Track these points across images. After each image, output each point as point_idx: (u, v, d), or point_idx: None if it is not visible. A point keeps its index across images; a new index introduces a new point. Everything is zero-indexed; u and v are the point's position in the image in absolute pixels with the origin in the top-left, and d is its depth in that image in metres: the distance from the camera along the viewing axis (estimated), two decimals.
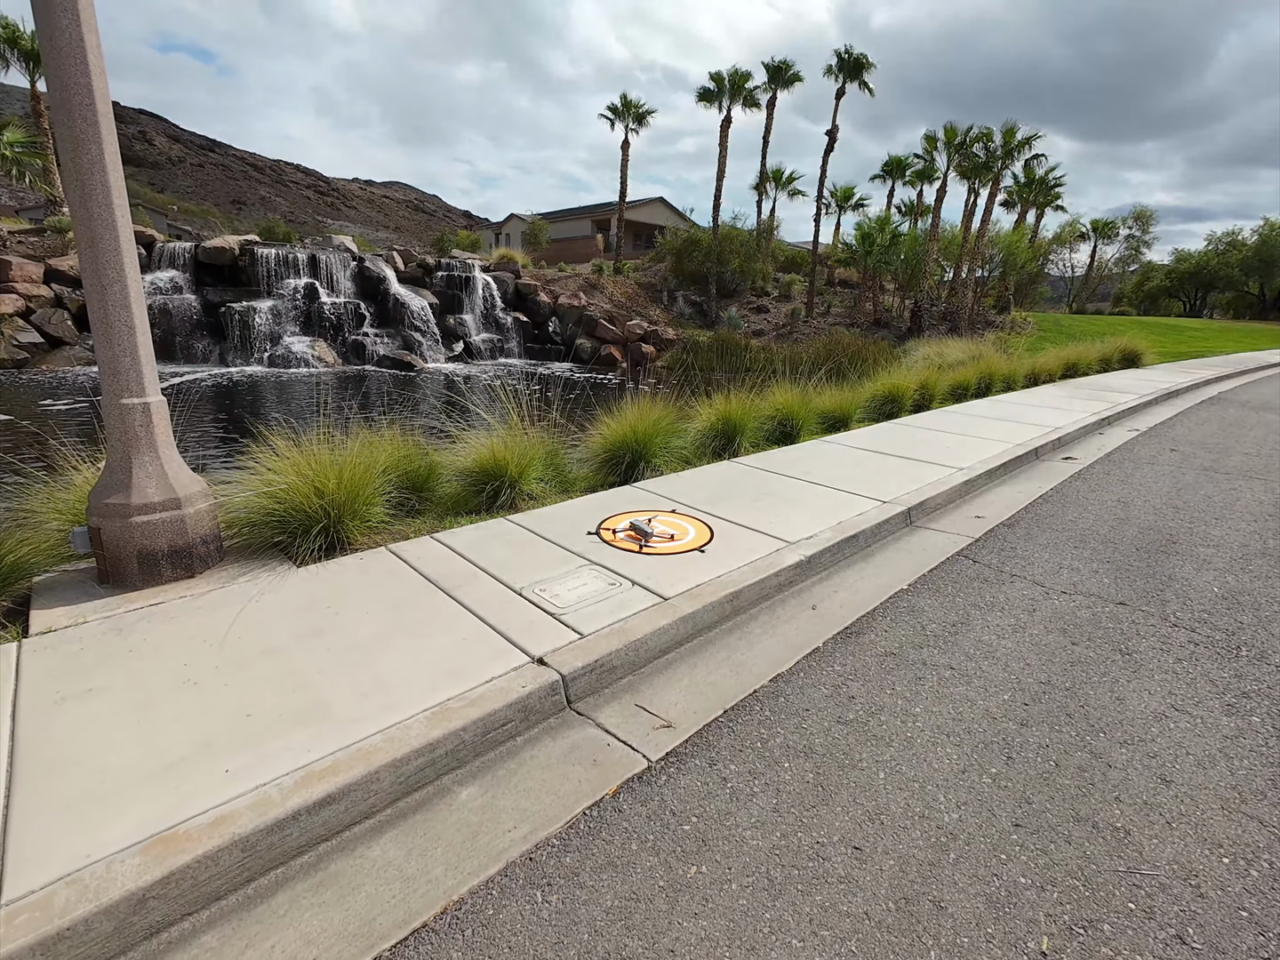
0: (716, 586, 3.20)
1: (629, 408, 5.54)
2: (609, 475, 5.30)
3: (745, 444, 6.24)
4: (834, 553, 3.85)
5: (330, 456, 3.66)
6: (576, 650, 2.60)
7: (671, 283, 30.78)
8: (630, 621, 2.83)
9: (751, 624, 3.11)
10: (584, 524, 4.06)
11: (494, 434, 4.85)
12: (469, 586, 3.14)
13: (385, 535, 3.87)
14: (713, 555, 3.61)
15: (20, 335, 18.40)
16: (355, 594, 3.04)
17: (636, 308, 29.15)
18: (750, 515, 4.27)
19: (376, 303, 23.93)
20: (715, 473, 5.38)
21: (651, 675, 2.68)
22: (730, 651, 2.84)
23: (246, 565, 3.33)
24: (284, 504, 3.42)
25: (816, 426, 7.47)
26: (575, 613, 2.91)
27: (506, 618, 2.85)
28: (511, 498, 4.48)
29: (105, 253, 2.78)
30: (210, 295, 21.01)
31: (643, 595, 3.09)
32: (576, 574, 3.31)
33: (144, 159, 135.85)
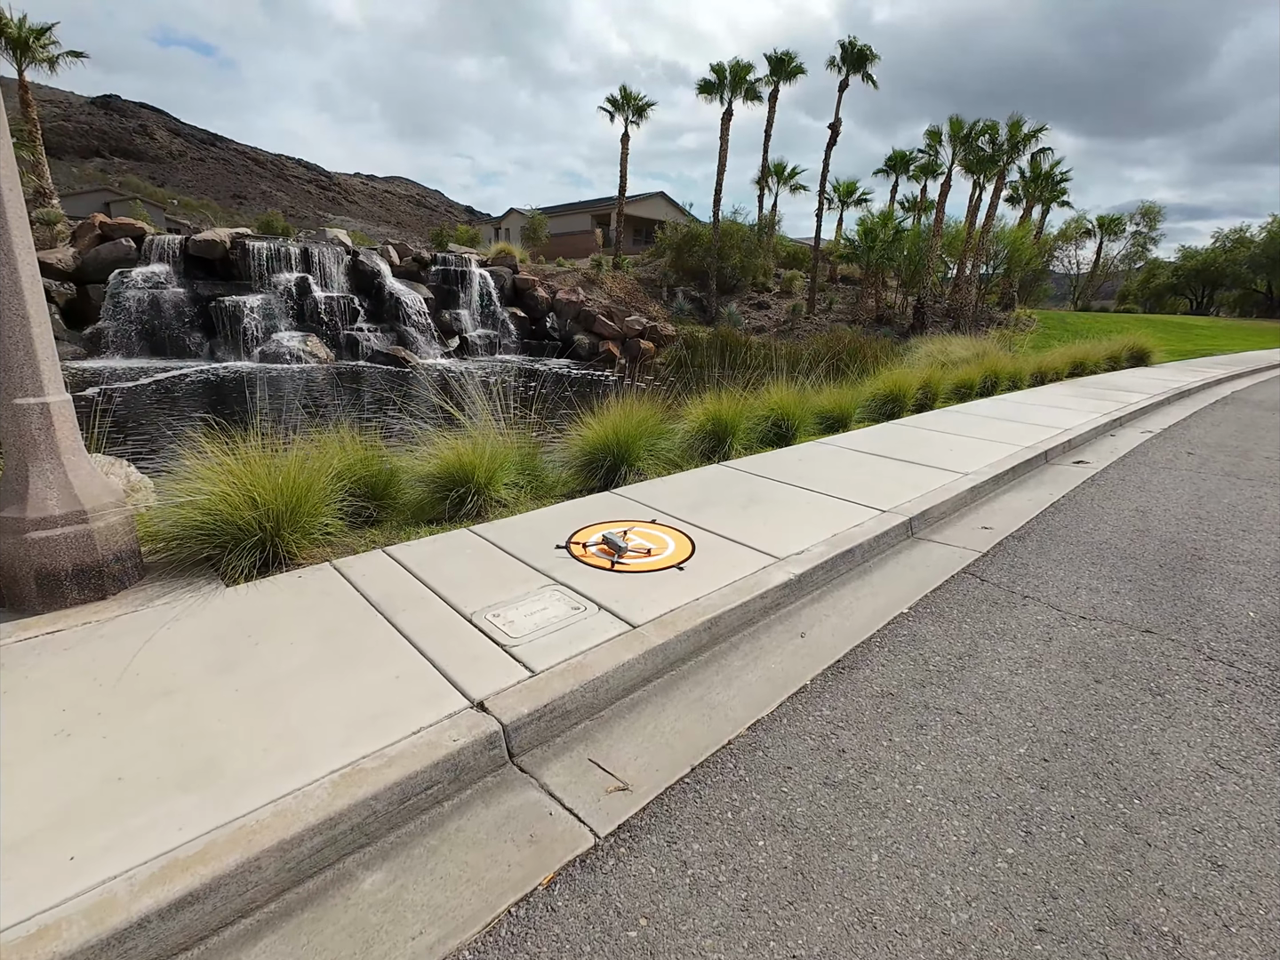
0: (693, 611, 2.85)
1: (612, 407, 5.18)
2: (589, 479, 4.95)
3: (737, 446, 5.88)
4: (827, 570, 3.49)
5: (268, 462, 3.31)
6: (524, 692, 2.25)
7: (671, 278, 30.37)
8: (591, 655, 2.48)
9: (731, 654, 2.75)
10: (554, 536, 3.71)
11: (465, 435, 4.50)
12: (414, 611, 2.79)
13: (334, 548, 3.52)
14: (692, 573, 3.26)
15: None
16: (284, 619, 2.69)
17: (635, 304, 28.76)
18: (736, 526, 3.92)
19: (371, 298, 23.58)
20: (702, 477, 5.02)
21: (611, 720, 2.32)
22: (705, 690, 2.49)
23: (170, 584, 2.98)
24: (213, 515, 3.07)
25: (814, 427, 7.11)
26: (529, 644, 2.55)
27: (450, 650, 2.50)
28: (479, 505, 4.13)
29: None
30: (201, 289, 20.65)
31: (609, 622, 2.74)
32: (538, 596, 2.96)
33: (144, 153, 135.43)
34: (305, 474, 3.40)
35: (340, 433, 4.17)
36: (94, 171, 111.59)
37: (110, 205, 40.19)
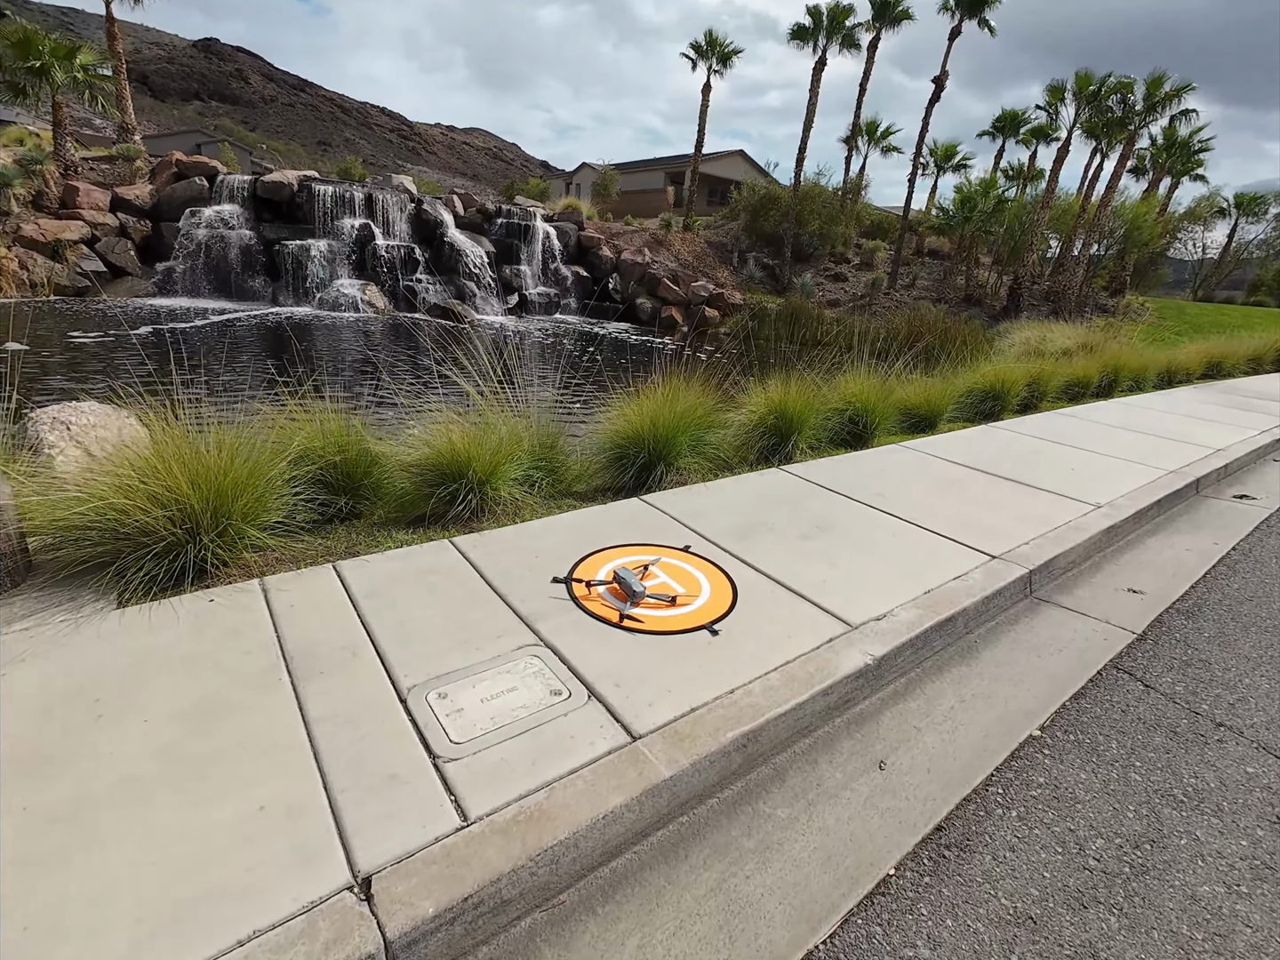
0: (724, 715, 1.96)
1: (654, 390, 4.25)
2: (618, 476, 4.07)
3: (803, 445, 4.86)
4: (917, 647, 2.53)
5: (188, 447, 2.58)
6: (442, 864, 1.43)
7: (743, 243, 28.62)
8: (560, 794, 1.64)
9: (773, 793, 1.86)
10: (555, 560, 2.87)
11: (475, 414, 3.69)
12: (335, 677, 2.01)
13: (280, 555, 2.80)
14: (729, 640, 2.37)
15: (84, 263, 18.46)
16: (158, 673, 1.97)
17: (703, 268, 27.30)
18: (796, 566, 2.98)
19: (432, 248, 23.09)
20: (757, 487, 4.06)
21: (576, 925, 1.49)
22: (728, 866, 1.62)
23: (49, 597, 2.31)
24: (111, 511, 2.37)
25: (896, 425, 5.98)
26: (475, 757, 1.74)
27: (361, 758, 1.71)
28: (475, 505, 3.33)
29: None
30: (267, 232, 20.60)
31: (598, 724, 1.89)
32: (509, 664, 2.13)
33: (239, 97, 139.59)
34: (245, 462, 2.66)
35: (320, 405, 3.43)
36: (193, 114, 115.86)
37: (201, 147, 41.13)
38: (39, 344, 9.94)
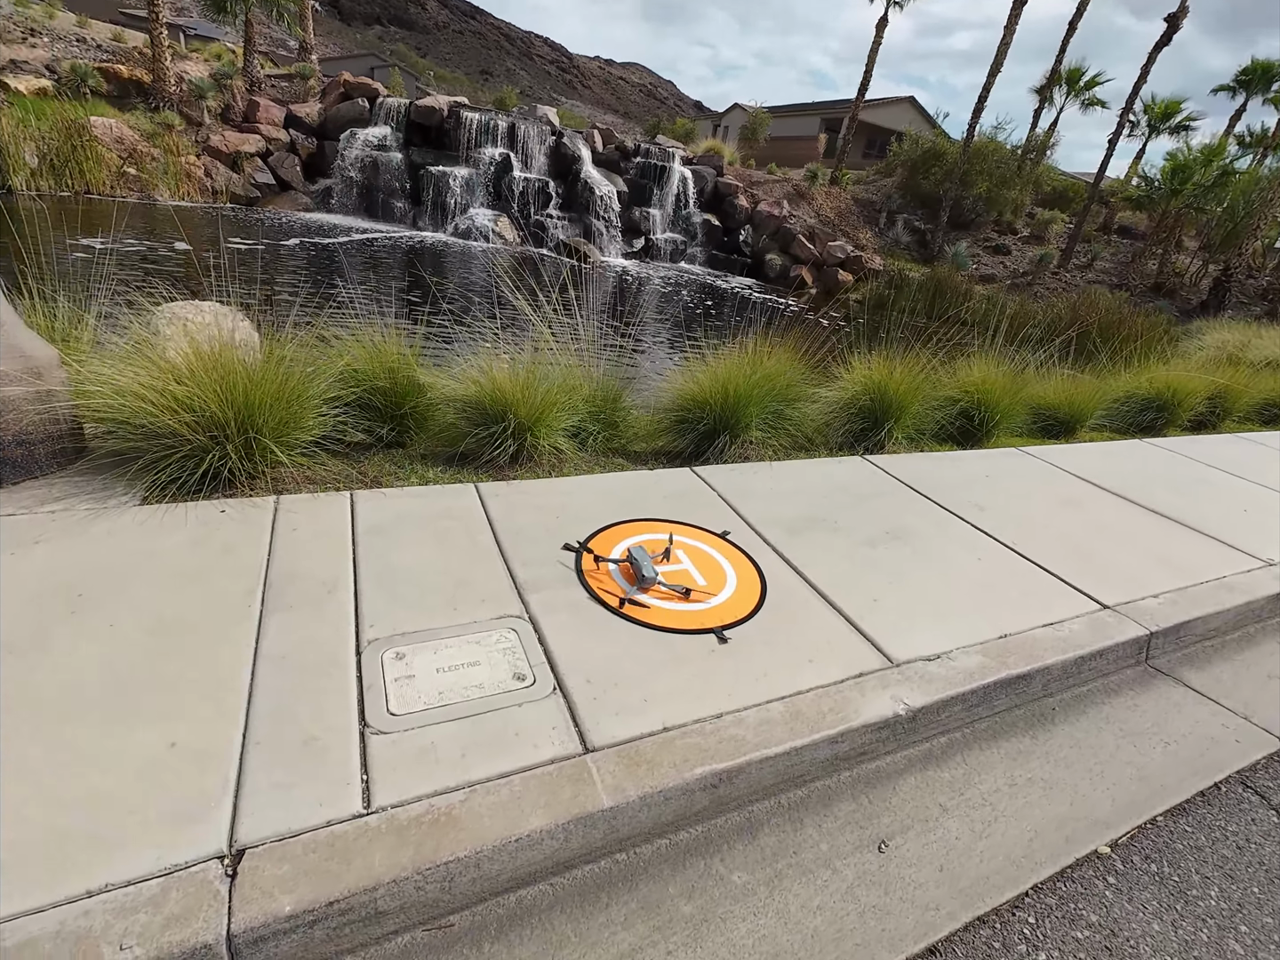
0: (699, 745, 1.67)
1: (734, 350, 3.83)
2: (675, 440, 3.75)
3: (899, 434, 4.25)
4: (972, 703, 2.07)
5: (222, 357, 2.55)
6: (320, 860, 1.28)
7: (895, 202, 26.08)
8: (478, 800, 1.44)
9: (733, 852, 1.56)
10: (577, 522, 2.64)
11: (532, 356, 3.49)
12: (303, 612, 1.92)
13: (309, 475, 2.77)
14: (738, 651, 2.04)
15: (257, 175, 20.08)
16: (145, 578, 1.96)
17: (845, 227, 25.28)
18: (849, 574, 2.55)
19: (567, 183, 22.95)
20: (830, 475, 3.58)
21: (456, 955, 1.30)
22: (643, 940, 1.35)
23: (83, 486, 2.40)
24: (141, 413, 2.40)
25: (1023, 425, 5.13)
26: (408, 734, 1.57)
27: (291, 711, 1.59)
28: (514, 451, 3.16)
29: None
30: (415, 156, 21.31)
31: (552, 725, 1.66)
32: (483, 633, 1.95)
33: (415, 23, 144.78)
34: (277, 376, 2.62)
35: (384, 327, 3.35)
36: (373, 38, 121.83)
37: (375, 71, 43.15)
38: (201, 246, 10.94)
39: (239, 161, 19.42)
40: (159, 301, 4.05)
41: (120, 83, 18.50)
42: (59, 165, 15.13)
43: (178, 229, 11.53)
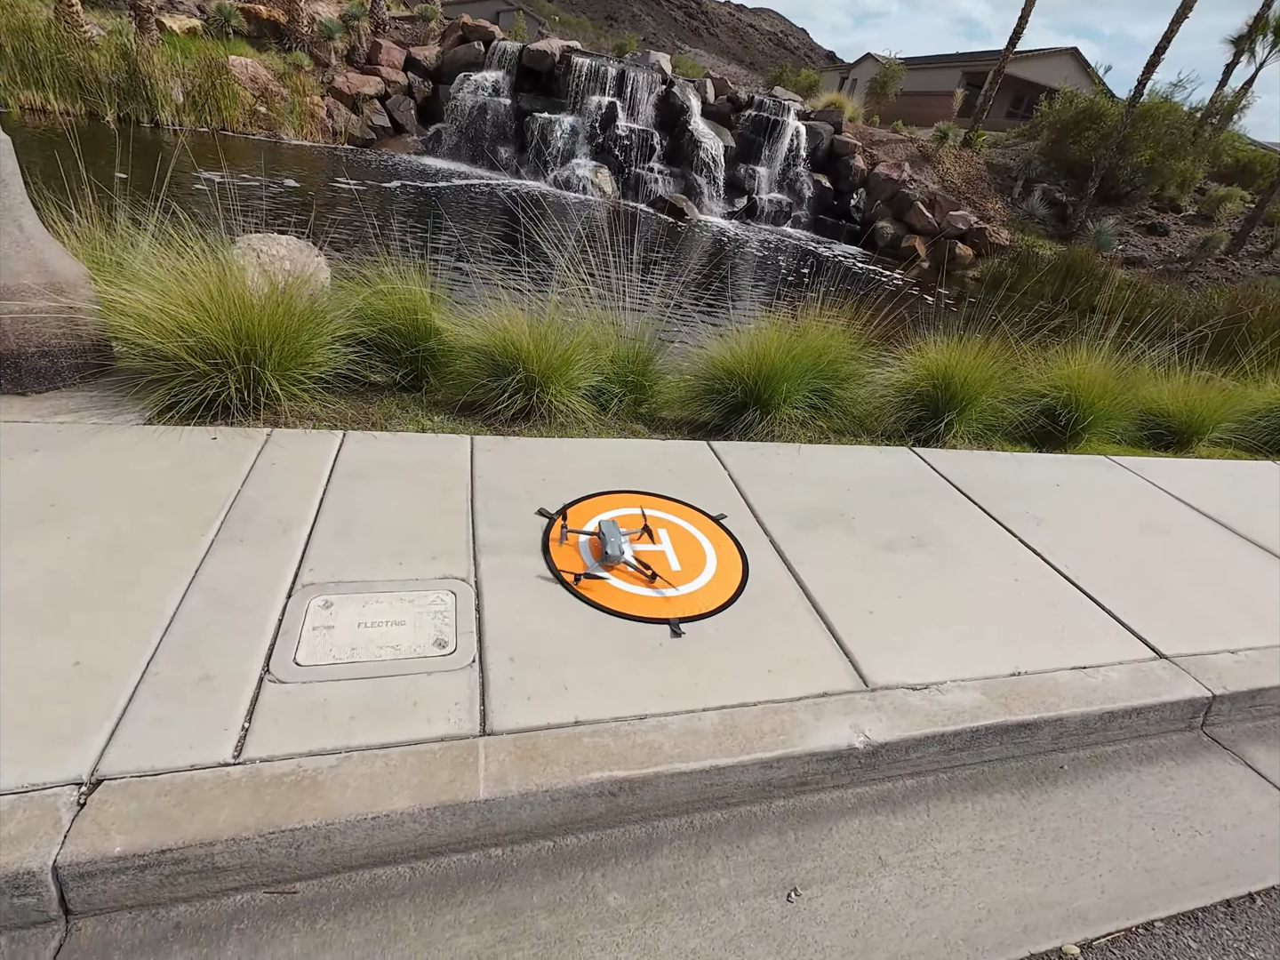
0: (606, 747, 1.52)
1: (771, 322, 3.51)
2: (703, 412, 3.52)
3: (961, 428, 3.78)
4: (954, 747, 1.79)
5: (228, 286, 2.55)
6: (168, 804, 1.25)
7: (1035, 169, 23.39)
8: (348, 768, 1.37)
9: (619, 869, 1.41)
10: (563, 488, 2.50)
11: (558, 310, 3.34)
12: (248, 547, 1.91)
13: (315, 410, 2.78)
14: (690, 648, 1.86)
15: (374, 118, 20.74)
16: (113, 498, 2.01)
17: (972, 195, 23.03)
18: (852, 579, 2.28)
19: (672, 135, 22.19)
20: (865, 464, 3.23)
21: (288, 924, 1.24)
22: (485, 948, 1.24)
23: (97, 401, 2.51)
24: (149, 333, 2.46)
25: (1125, 431, 4.46)
26: (303, 689, 1.52)
27: (199, 646, 1.58)
28: (524, 406, 3.04)
29: None
30: (523, 103, 21.23)
31: (455, 700, 1.56)
32: (420, 592, 1.87)
33: None
34: (281, 308, 2.61)
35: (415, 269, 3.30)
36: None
37: (500, 14, 43.13)
38: (309, 183, 11.44)
39: (359, 103, 20.09)
40: (243, 231, 4.20)
41: (259, 23, 19.47)
42: (200, 102, 16.24)
43: (290, 167, 12.11)
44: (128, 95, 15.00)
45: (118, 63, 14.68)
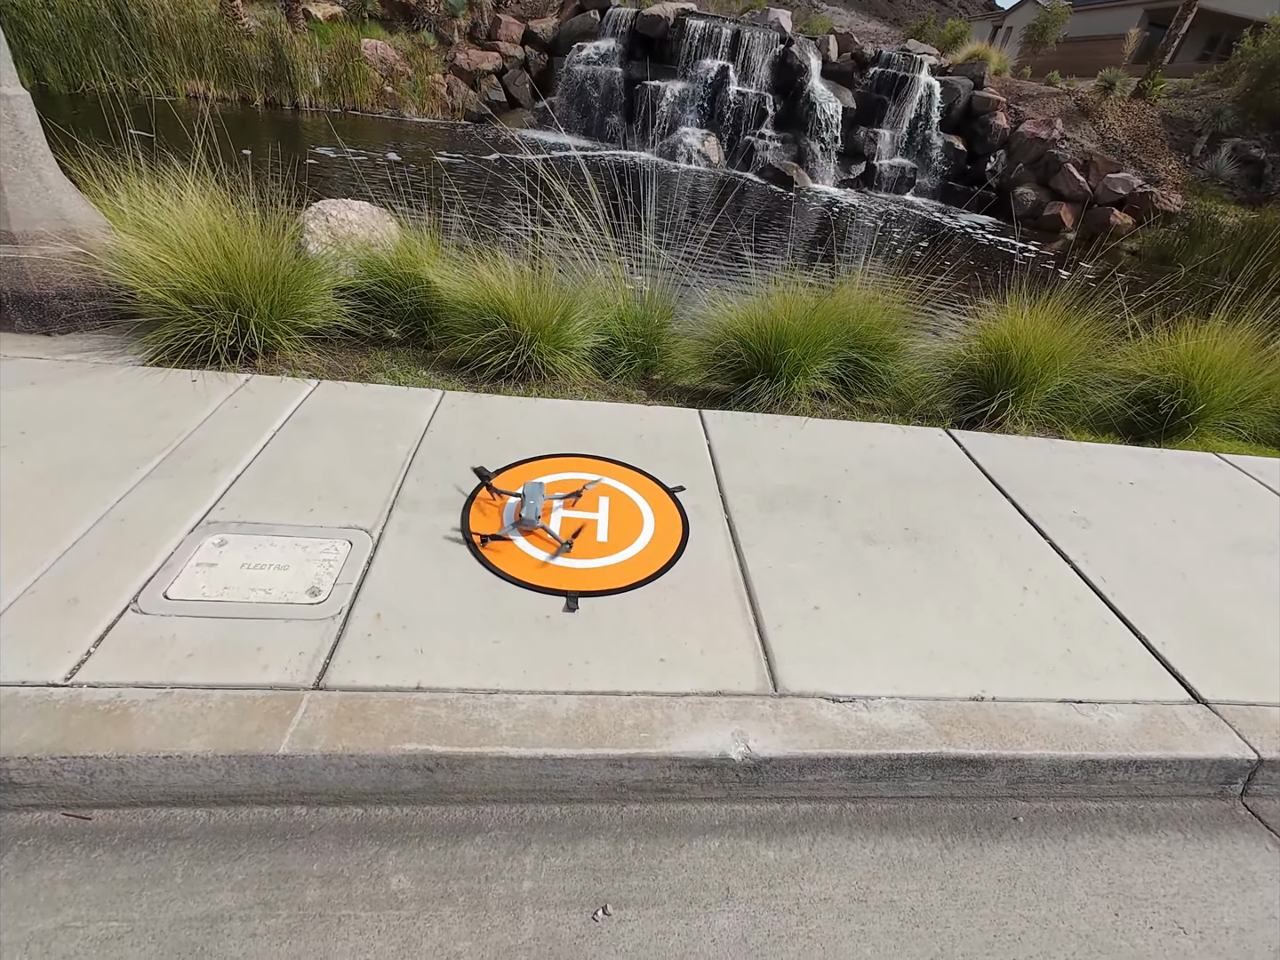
0: (436, 719, 1.39)
1: (791, 285, 3.15)
2: (712, 380, 3.25)
3: (1020, 410, 3.21)
4: (868, 775, 1.49)
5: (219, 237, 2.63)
6: None
7: (1227, 121, 19.82)
8: (162, 705, 1.35)
9: (420, 850, 1.29)
10: (513, 450, 2.38)
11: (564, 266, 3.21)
12: (173, 482, 1.96)
13: (309, 360, 2.85)
14: (579, 626, 1.69)
15: (491, 93, 21.32)
16: (78, 430, 2.14)
17: (1140, 153, 19.99)
18: (804, 569, 1.99)
19: (788, 99, 21.01)
20: (880, 444, 2.82)
21: (73, 847, 1.23)
22: (232, 910, 1.17)
23: (107, 341, 2.70)
24: (147, 280, 2.60)
25: (1256, 425, 3.63)
26: (159, 621, 1.53)
27: (80, 571, 1.63)
28: (512, 363, 2.95)
29: None
30: (634, 71, 20.93)
31: (300, 650, 1.51)
32: (318, 539, 1.83)
33: None
34: (265, 255, 2.66)
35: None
36: None
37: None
38: (411, 158, 11.97)
39: (477, 80, 20.73)
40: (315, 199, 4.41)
41: (392, 5, 20.52)
42: (334, 84, 17.46)
43: (404, 142, 12.73)
44: (274, 80, 16.41)
45: (266, 51, 16.06)
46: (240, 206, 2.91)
